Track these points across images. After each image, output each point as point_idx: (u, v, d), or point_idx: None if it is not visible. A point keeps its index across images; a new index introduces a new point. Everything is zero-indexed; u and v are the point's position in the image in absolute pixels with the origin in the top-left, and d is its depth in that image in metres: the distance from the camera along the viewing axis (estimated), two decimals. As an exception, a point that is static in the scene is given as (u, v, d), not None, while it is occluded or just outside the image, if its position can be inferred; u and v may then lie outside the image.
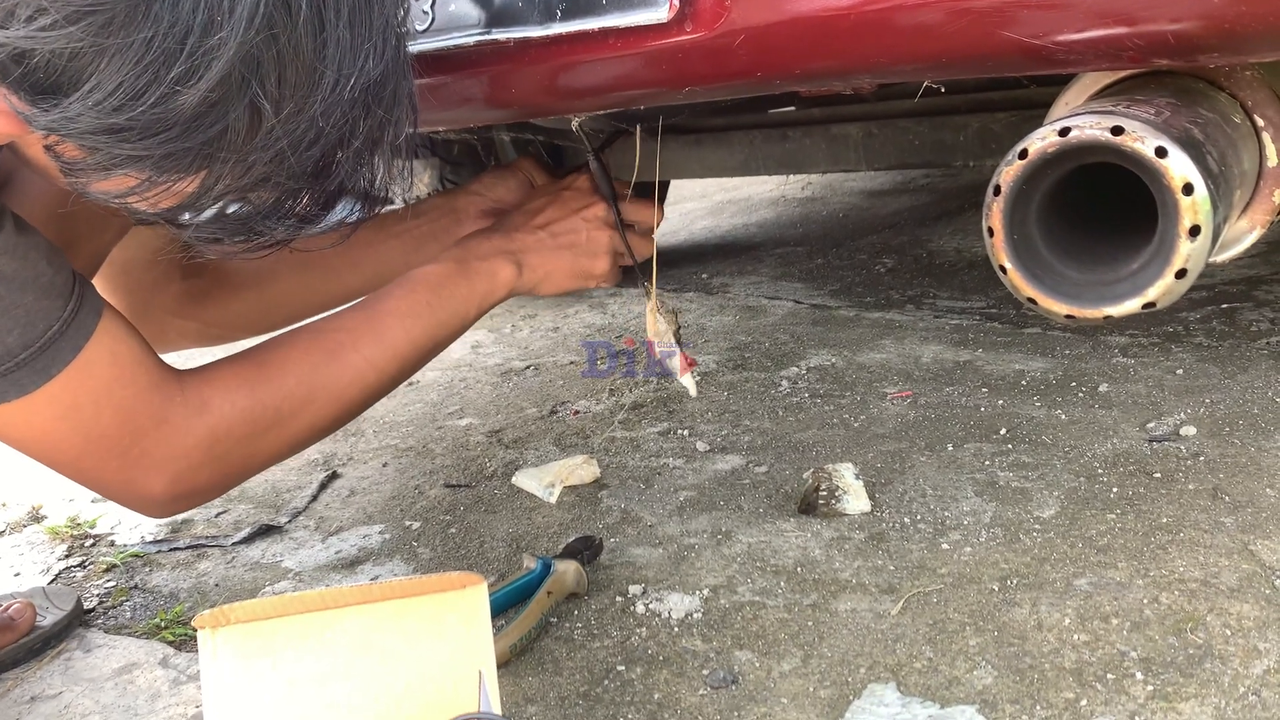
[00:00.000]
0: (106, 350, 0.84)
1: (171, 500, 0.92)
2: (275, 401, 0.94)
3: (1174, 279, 0.73)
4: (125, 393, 0.85)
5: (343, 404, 0.99)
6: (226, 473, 0.95)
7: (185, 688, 1.04)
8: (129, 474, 0.88)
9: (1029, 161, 0.75)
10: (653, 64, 0.85)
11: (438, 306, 1.05)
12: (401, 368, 1.03)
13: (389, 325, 1.02)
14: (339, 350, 0.98)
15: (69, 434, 0.84)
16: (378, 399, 1.04)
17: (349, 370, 0.98)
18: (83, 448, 0.85)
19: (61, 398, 0.81)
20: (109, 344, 0.85)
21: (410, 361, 1.04)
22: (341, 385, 0.98)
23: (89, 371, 0.83)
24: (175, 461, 0.89)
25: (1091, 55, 0.74)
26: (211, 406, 0.91)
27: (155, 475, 0.89)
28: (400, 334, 1.02)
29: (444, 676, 0.75)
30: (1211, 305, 1.77)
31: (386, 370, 1.02)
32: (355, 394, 1.00)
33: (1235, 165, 0.80)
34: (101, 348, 0.83)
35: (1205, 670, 0.87)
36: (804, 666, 0.94)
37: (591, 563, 1.15)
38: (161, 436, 0.88)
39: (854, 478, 1.23)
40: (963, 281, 2.16)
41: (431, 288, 1.05)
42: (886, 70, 0.79)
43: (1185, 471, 1.20)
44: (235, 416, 0.92)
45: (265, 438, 0.95)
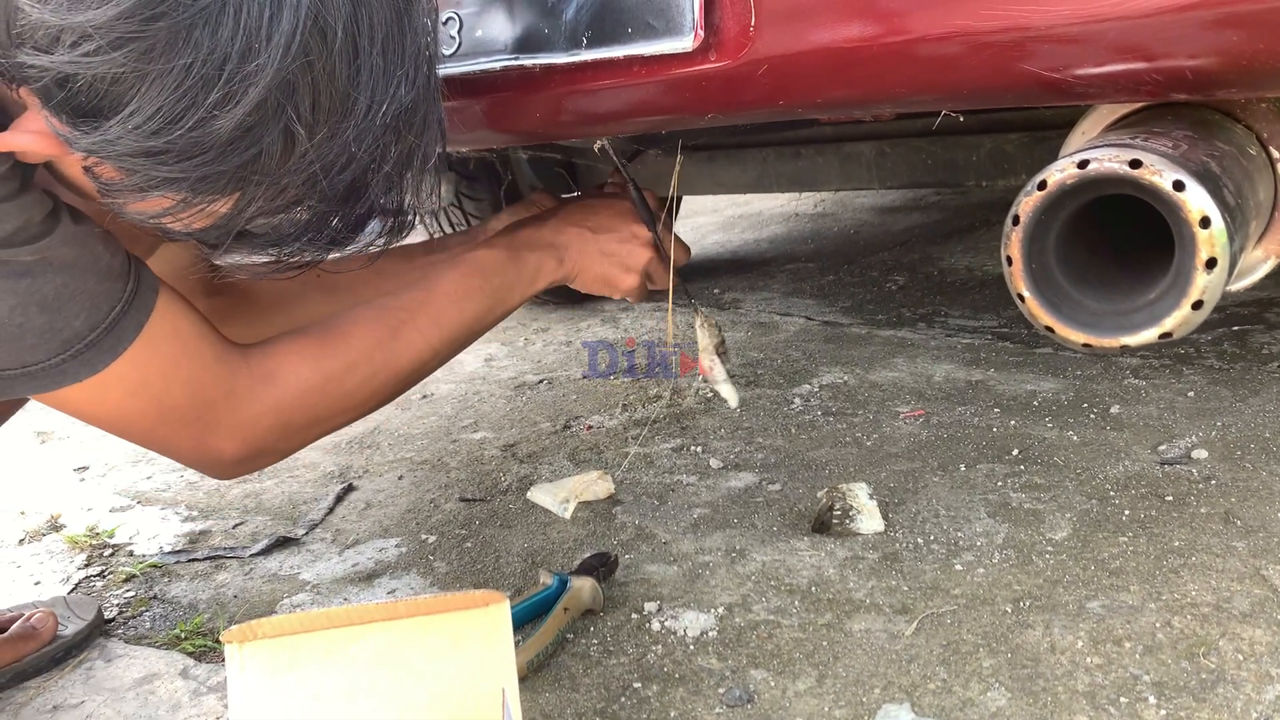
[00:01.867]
0: (169, 325, 0.86)
1: (240, 463, 0.95)
2: (339, 374, 0.97)
3: (1190, 310, 0.74)
4: (192, 365, 0.88)
5: (400, 377, 1.03)
6: (292, 438, 0.98)
7: (205, 699, 1.06)
8: (200, 440, 0.91)
9: (1048, 193, 0.76)
10: (676, 91, 0.87)
11: (489, 290, 1.09)
12: (453, 345, 1.08)
13: (445, 306, 1.06)
14: (400, 328, 1.02)
15: (142, 408, 0.86)
16: (430, 373, 1.09)
17: (408, 347, 1.02)
18: (156, 419, 0.88)
19: (131, 374, 0.83)
20: (170, 319, 0.87)
21: (461, 340, 1.09)
22: (400, 361, 1.02)
23: (154, 347, 0.85)
24: (244, 429, 0.92)
25: (1110, 89, 0.75)
26: (277, 378, 0.93)
27: (226, 441, 0.92)
28: (454, 314, 1.06)
29: (466, 693, 0.76)
30: (1223, 327, 1.78)
31: (440, 347, 1.06)
32: (412, 368, 1.04)
33: (1251, 197, 0.81)
34: (164, 323, 0.86)
35: (1218, 695, 0.87)
36: (819, 686, 0.95)
37: (607, 579, 1.16)
38: (230, 406, 0.90)
39: (868, 497, 1.24)
40: (974, 300, 2.17)
41: (484, 273, 1.09)
42: (906, 100, 0.81)
43: (1197, 495, 1.21)
44: (300, 386, 0.94)
45: (328, 407, 0.98)
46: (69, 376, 0.81)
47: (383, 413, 1.89)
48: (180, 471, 1.72)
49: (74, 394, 0.83)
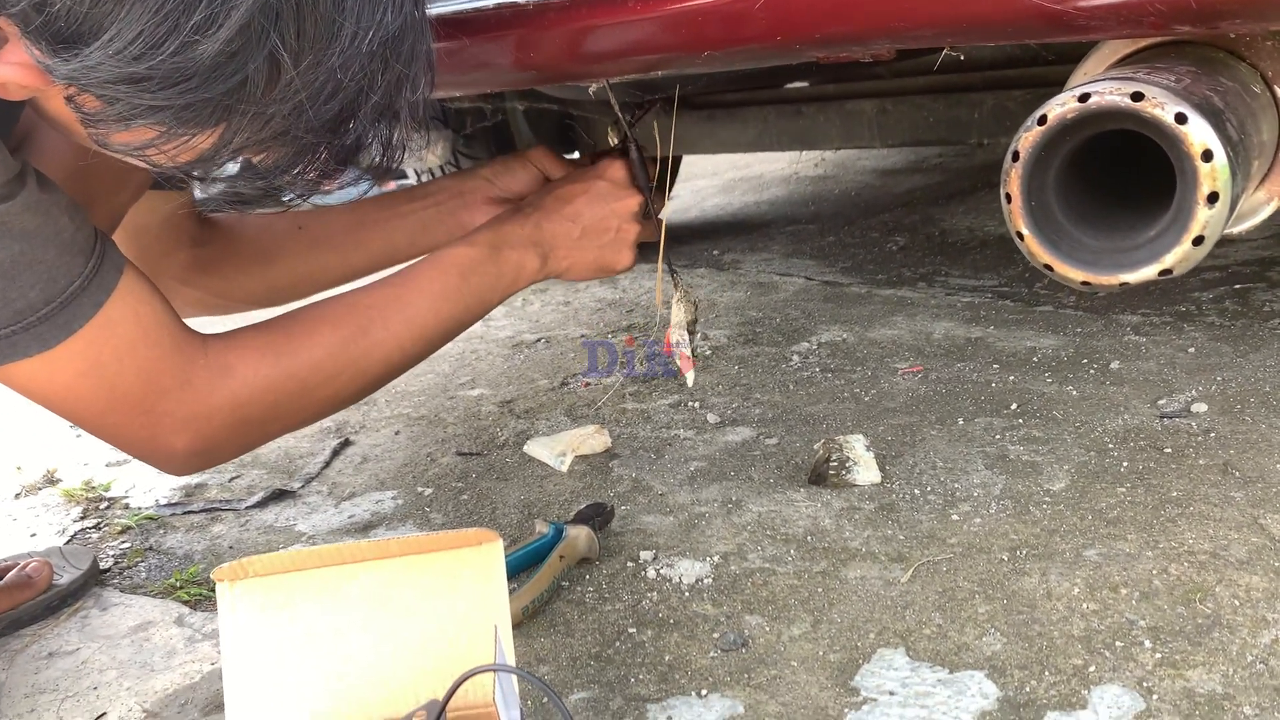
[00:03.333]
0: (129, 308, 0.85)
1: (192, 458, 0.93)
2: (301, 372, 0.95)
3: (1191, 246, 0.73)
4: (149, 353, 0.86)
5: (367, 379, 1.00)
6: (248, 435, 0.96)
7: (200, 645, 1.06)
8: (151, 432, 0.88)
9: (1048, 127, 0.75)
10: (671, 27, 0.85)
11: (466, 291, 1.06)
12: (426, 347, 1.05)
13: (418, 305, 1.02)
14: (368, 326, 0.99)
15: (92, 391, 0.84)
16: (400, 375, 1.05)
17: (377, 347, 0.99)
18: (106, 405, 0.85)
19: (85, 354, 0.82)
20: (132, 302, 0.85)
21: (434, 341, 1.05)
22: (368, 360, 0.99)
23: (111, 329, 0.83)
24: (198, 422, 0.90)
25: (1113, 21, 0.74)
26: (236, 372, 0.91)
27: (177, 435, 0.89)
28: (429, 314, 1.03)
29: (459, 631, 0.76)
30: (1224, 285, 1.77)
31: (412, 348, 1.03)
32: (380, 370, 1.01)
33: (1255, 135, 0.80)
34: (124, 305, 0.84)
35: (1213, 639, 0.87)
36: (814, 631, 0.95)
37: (603, 529, 1.16)
38: (185, 398, 0.88)
39: (864, 449, 1.23)
40: (974, 260, 2.16)
41: (462, 272, 1.06)
42: (906, 35, 0.79)
43: (1196, 447, 1.20)
44: (259, 384, 0.92)
45: (288, 405, 0.95)
46: (18, 350, 0.79)
47: (380, 370, 1.89)
48: (177, 427, 1.71)
49: (22, 370, 0.81)
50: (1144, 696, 0.81)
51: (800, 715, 0.84)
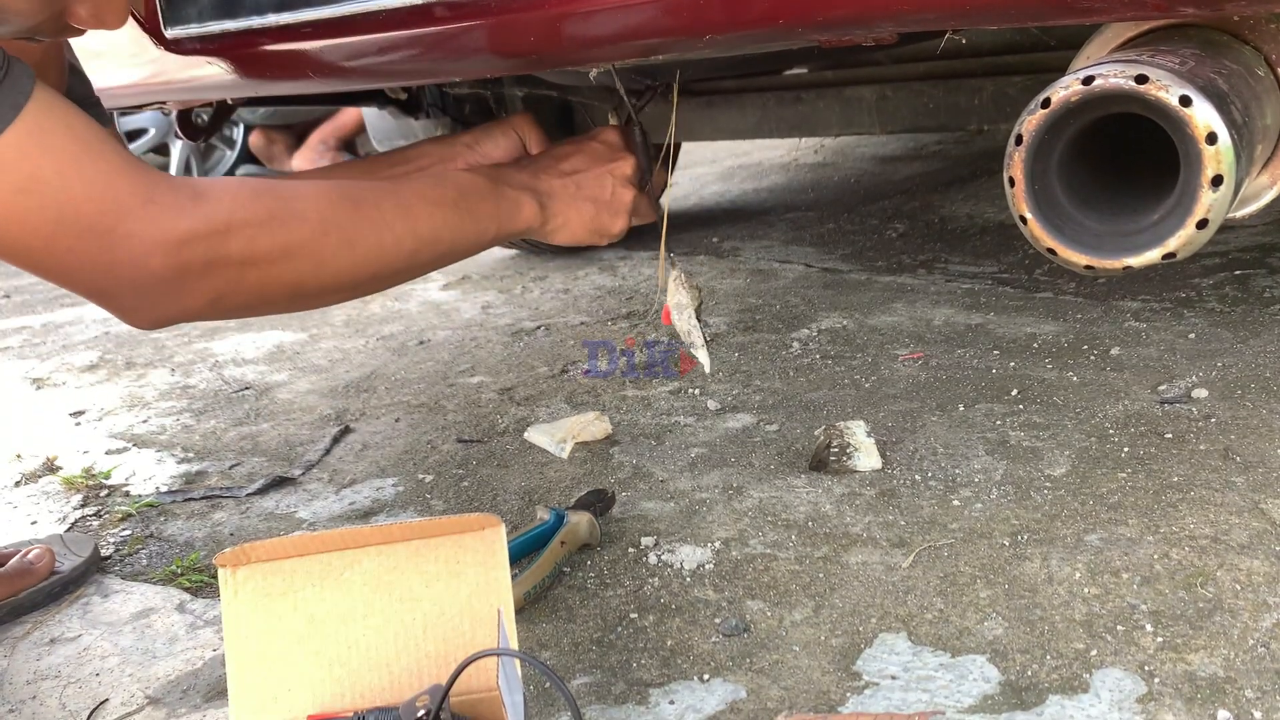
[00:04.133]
0: (58, 116, 0.76)
1: (168, 286, 0.81)
2: (284, 218, 0.86)
3: (1195, 229, 0.72)
4: (96, 166, 0.77)
5: (354, 256, 0.91)
6: (226, 282, 0.84)
7: (202, 632, 1.06)
8: (112, 257, 0.78)
9: (1052, 110, 0.74)
10: (673, 10, 0.85)
11: (463, 210, 1.01)
12: (416, 249, 0.96)
13: (414, 202, 0.96)
14: (362, 204, 0.92)
15: (36, 210, 0.75)
16: (384, 281, 0.98)
17: (369, 225, 0.91)
18: (55, 226, 0.76)
19: (17, 165, 0.73)
20: (60, 111, 0.76)
21: (426, 246, 0.97)
22: (358, 234, 0.91)
23: (43, 137, 0.74)
24: (170, 244, 0.79)
25: (1116, 3, 0.73)
26: (209, 197, 0.82)
27: (150, 254, 0.79)
28: (424, 214, 0.96)
29: (462, 616, 0.76)
30: (1225, 271, 1.77)
31: (403, 243, 0.94)
32: (368, 251, 0.92)
33: (1259, 118, 0.79)
34: (51, 112, 0.75)
35: (1214, 623, 0.87)
36: (815, 616, 0.95)
37: (604, 515, 1.16)
38: (149, 216, 0.78)
39: (865, 435, 1.23)
40: (975, 246, 2.15)
41: (461, 190, 1.02)
42: (909, 18, 0.79)
43: (1196, 432, 1.20)
44: (238, 213, 0.83)
45: (267, 251, 0.86)
46: None
47: (379, 358, 1.89)
48: (177, 415, 1.71)
49: None
50: (1145, 680, 0.82)
51: (802, 699, 0.84)
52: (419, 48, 1.00)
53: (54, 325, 2.48)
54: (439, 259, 1.02)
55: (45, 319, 2.56)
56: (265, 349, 2.05)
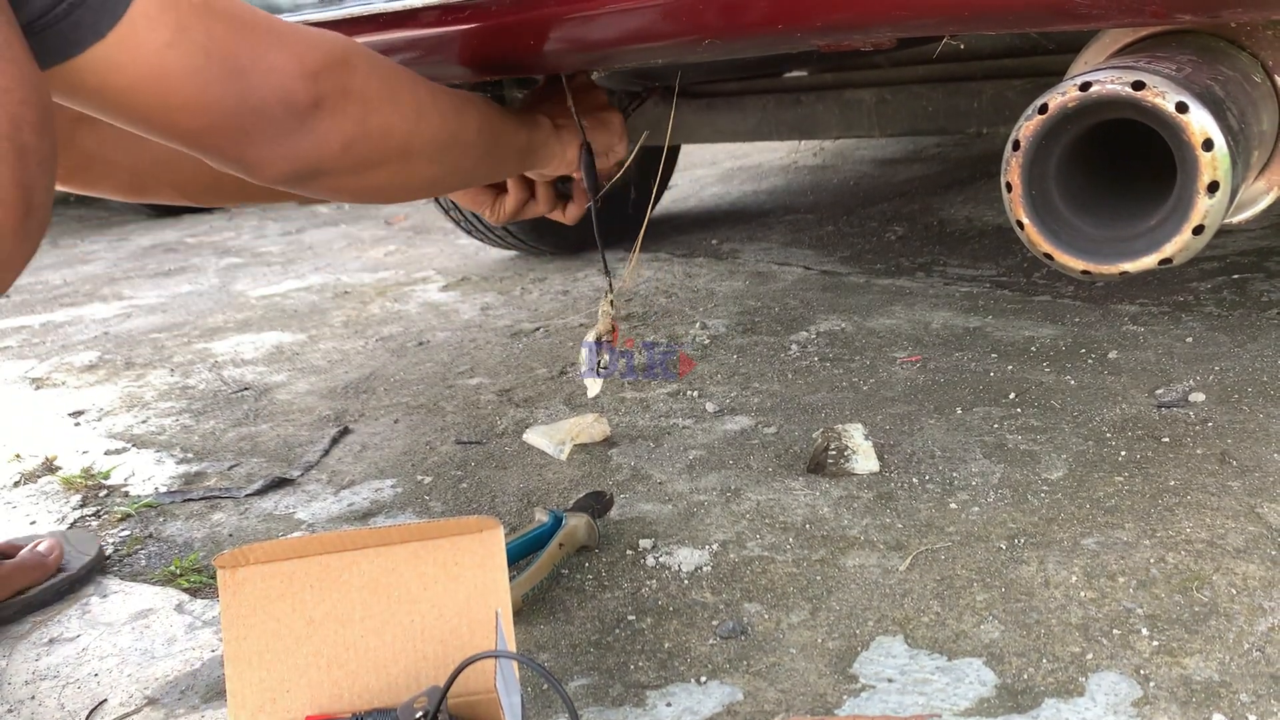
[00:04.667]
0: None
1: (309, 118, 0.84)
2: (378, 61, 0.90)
3: (1191, 235, 0.73)
4: (229, 11, 0.78)
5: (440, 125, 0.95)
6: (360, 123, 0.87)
7: (201, 632, 1.06)
8: (260, 92, 0.80)
9: (1049, 116, 0.75)
10: (673, 15, 0.85)
11: (485, 118, 1.03)
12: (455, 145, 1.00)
13: (444, 103, 0.98)
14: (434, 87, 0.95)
15: (187, 58, 0.76)
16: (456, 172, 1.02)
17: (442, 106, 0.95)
18: (206, 71, 0.77)
19: (161, 20, 0.73)
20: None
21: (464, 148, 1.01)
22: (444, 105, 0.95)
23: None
24: (306, 76, 0.82)
25: (1114, 10, 0.74)
26: (327, 35, 0.86)
27: (291, 84, 0.82)
28: (453, 115, 0.98)
29: (460, 617, 0.76)
30: (1222, 275, 1.77)
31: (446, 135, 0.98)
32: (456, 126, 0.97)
33: (1255, 124, 0.80)
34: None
35: (1210, 627, 0.88)
36: (812, 619, 0.95)
37: (602, 517, 1.16)
38: (286, 52, 0.81)
39: (863, 438, 1.24)
40: (973, 249, 2.16)
41: (477, 104, 1.03)
42: (908, 23, 0.79)
43: (1193, 436, 1.20)
44: (352, 47, 0.86)
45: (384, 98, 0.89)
46: (86, 30, 0.70)
47: (378, 359, 1.89)
48: (176, 415, 1.71)
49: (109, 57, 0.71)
50: (1141, 684, 0.82)
51: (799, 702, 0.84)
52: (421, 50, 1.01)
53: (53, 325, 2.48)
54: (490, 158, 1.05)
55: (44, 318, 2.56)
56: (264, 349, 2.05)
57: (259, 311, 2.39)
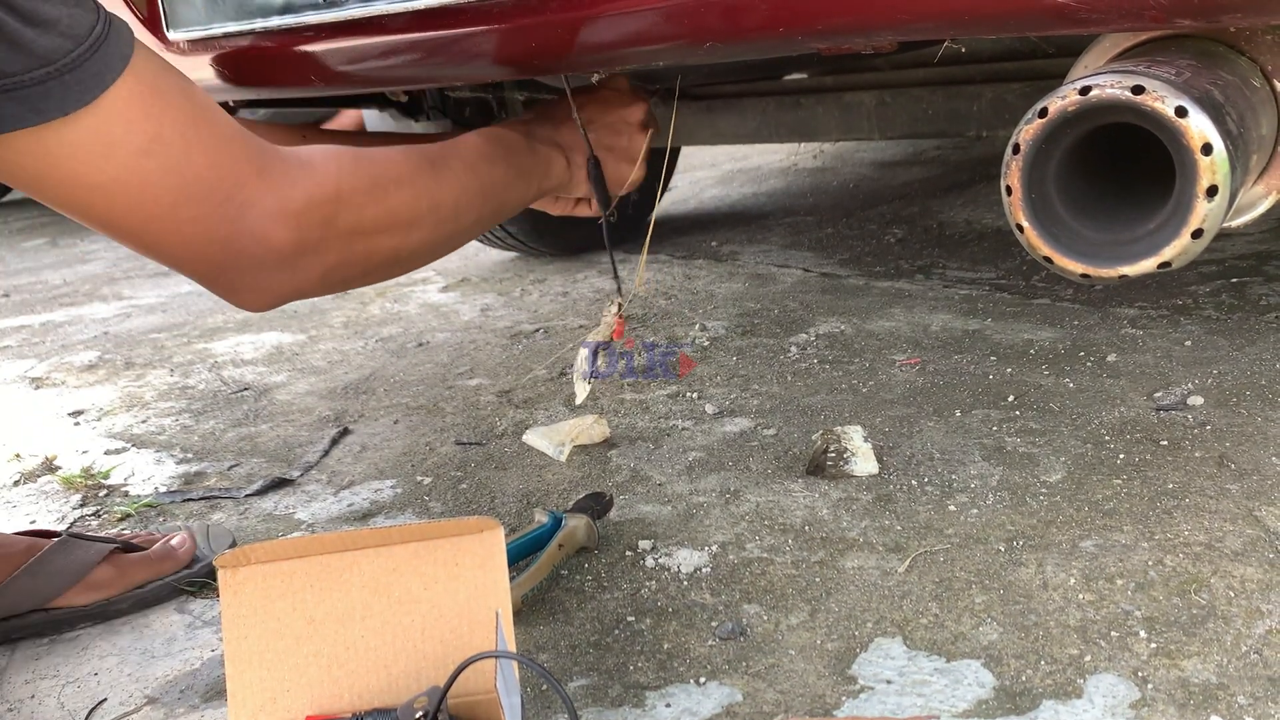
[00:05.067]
0: (171, 78, 0.75)
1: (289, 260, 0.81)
2: (383, 183, 0.87)
3: (1190, 239, 0.73)
4: (212, 130, 0.77)
5: (441, 215, 0.94)
6: (343, 253, 0.85)
7: (200, 632, 1.06)
8: (235, 228, 0.78)
9: (1049, 120, 0.75)
10: (674, 18, 0.85)
11: (511, 163, 1.03)
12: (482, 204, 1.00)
13: (474, 159, 0.99)
14: (437, 163, 0.94)
15: (160, 173, 0.74)
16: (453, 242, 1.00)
17: (448, 184, 0.94)
18: (179, 193, 0.75)
19: (139, 123, 0.73)
20: (170, 71, 0.75)
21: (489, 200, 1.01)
22: (443, 194, 0.93)
23: (161, 98, 0.74)
24: (288, 215, 0.80)
25: (1114, 14, 0.74)
26: (315, 167, 0.83)
27: (271, 224, 0.79)
28: (484, 169, 0.99)
29: (460, 618, 0.76)
30: (1221, 279, 1.77)
31: (473, 199, 0.98)
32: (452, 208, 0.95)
33: (1254, 129, 0.80)
34: (164, 72, 0.75)
35: (1208, 630, 0.88)
36: (811, 620, 0.95)
37: (601, 519, 1.16)
38: (266, 186, 0.79)
39: (862, 440, 1.24)
40: (972, 252, 2.16)
41: (506, 146, 1.04)
42: (909, 26, 0.79)
43: (1192, 440, 1.21)
44: (344, 183, 0.84)
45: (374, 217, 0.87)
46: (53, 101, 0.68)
47: (378, 359, 1.89)
48: (176, 415, 1.72)
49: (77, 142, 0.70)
50: (1139, 686, 0.82)
51: (798, 703, 0.85)
52: (423, 52, 1.01)
53: (53, 324, 2.48)
54: (496, 215, 1.04)
55: (44, 318, 2.56)
56: (264, 350, 2.05)
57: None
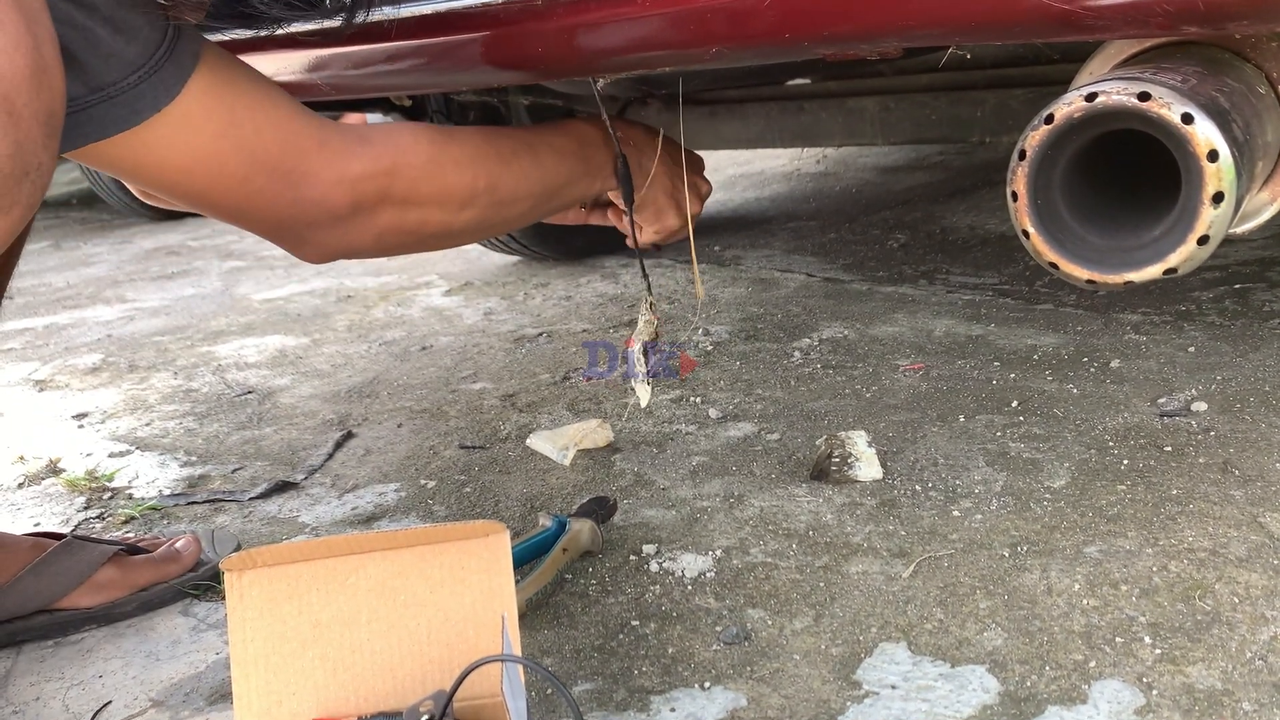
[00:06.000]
0: (239, 68, 0.83)
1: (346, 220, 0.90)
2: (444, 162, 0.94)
3: (1196, 245, 0.73)
4: (278, 111, 0.85)
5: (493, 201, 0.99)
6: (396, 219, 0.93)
7: (205, 635, 1.06)
8: (298, 193, 0.87)
9: (1055, 126, 0.75)
10: (681, 23, 0.85)
11: (583, 159, 1.08)
12: (543, 198, 1.05)
13: (545, 154, 1.04)
14: (505, 154, 0.99)
15: (233, 151, 0.83)
16: (508, 224, 1.06)
17: (512, 174, 1.00)
18: (249, 165, 0.84)
19: (217, 109, 0.81)
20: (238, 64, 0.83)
21: (550, 195, 1.06)
22: (505, 182, 0.99)
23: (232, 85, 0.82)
24: (346, 180, 0.88)
25: (1120, 21, 0.74)
26: (375, 141, 0.90)
27: (330, 189, 0.88)
28: (551, 166, 1.05)
29: (466, 621, 0.76)
30: (1224, 285, 1.77)
31: (535, 191, 1.03)
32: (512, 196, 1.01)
33: (1259, 136, 0.80)
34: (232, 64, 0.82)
35: (1212, 636, 0.88)
36: (816, 625, 0.95)
37: (605, 523, 1.16)
38: (326, 157, 0.87)
39: (866, 445, 1.24)
40: (975, 258, 2.16)
41: (581, 140, 1.09)
42: (915, 33, 0.80)
43: (1196, 446, 1.21)
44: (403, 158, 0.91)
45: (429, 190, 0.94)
46: (147, 100, 0.77)
47: (381, 363, 1.90)
48: (180, 418, 1.72)
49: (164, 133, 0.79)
50: (1144, 692, 0.82)
51: (802, 708, 0.85)
52: (428, 58, 1.01)
53: (56, 327, 2.48)
54: (556, 206, 1.10)
55: (47, 321, 2.56)
56: (268, 353, 2.05)
57: (262, 315, 2.40)
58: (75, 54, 0.72)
